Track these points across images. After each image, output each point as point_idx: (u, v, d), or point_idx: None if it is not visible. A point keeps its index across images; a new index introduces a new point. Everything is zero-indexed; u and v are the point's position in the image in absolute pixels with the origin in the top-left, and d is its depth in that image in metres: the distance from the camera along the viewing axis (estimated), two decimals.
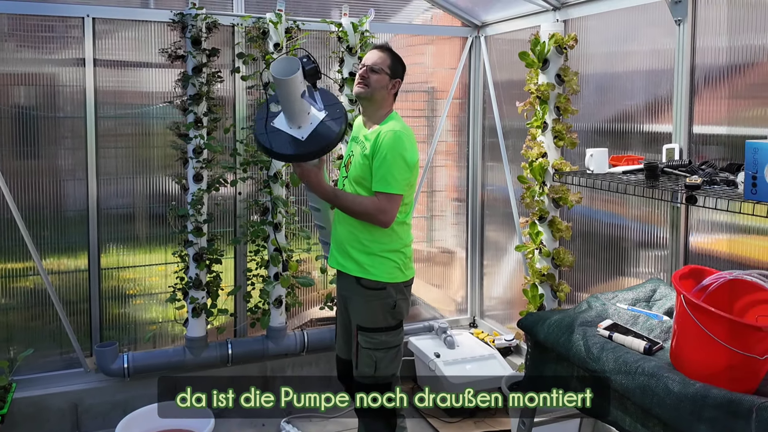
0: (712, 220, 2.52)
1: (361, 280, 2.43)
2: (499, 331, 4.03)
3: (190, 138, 3.32)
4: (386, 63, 2.44)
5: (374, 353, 2.43)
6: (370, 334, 2.43)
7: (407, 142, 2.37)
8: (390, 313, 2.44)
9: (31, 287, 3.27)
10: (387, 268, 2.43)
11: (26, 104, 3.20)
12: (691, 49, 2.57)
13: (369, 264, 2.42)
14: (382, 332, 2.44)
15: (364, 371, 2.45)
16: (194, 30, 3.27)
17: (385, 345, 2.44)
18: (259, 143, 2.31)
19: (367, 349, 2.44)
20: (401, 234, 2.47)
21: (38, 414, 3.20)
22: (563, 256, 3.15)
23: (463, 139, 4.23)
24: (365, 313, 2.44)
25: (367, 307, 2.44)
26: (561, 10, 3.28)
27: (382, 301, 2.42)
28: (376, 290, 2.42)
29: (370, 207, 2.33)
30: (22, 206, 3.19)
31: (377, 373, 2.44)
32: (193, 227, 3.34)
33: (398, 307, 2.45)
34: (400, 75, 2.50)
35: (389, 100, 2.48)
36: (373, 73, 2.42)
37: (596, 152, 2.65)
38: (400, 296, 2.47)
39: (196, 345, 3.43)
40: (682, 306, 1.63)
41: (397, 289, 2.46)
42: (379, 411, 2.49)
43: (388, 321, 2.44)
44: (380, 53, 2.46)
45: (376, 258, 2.42)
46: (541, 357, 2.04)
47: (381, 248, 2.42)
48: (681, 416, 1.51)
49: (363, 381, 2.47)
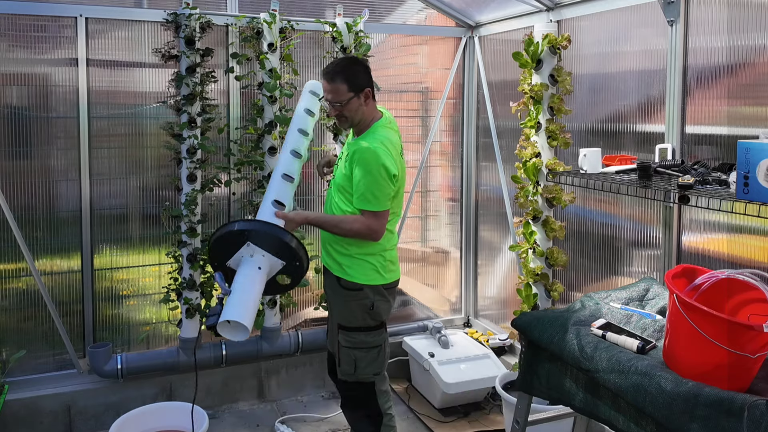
0: (705, 219, 2.54)
1: (340, 280, 2.49)
2: (493, 331, 4.04)
3: (184, 138, 3.31)
4: (343, 89, 2.37)
5: (353, 352, 2.48)
6: (350, 333, 2.48)
7: (383, 157, 2.34)
8: (368, 314, 2.47)
9: (23, 288, 3.26)
10: (364, 270, 2.47)
11: (18, 104, 3.19)
12: (683, 49, 2.58)
13: (347, 265, 2.47)
14: (361, 332, 2.48)
15: (345, 369, 2.51)
16: (188, 30, 3.26)
17: (365, 345, 2.48)
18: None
19: (346, 347, 2.49)
20: (384, 238, 2.48)
21: (31, 416, 3.18)
22: (557, 255, 3.16)
23: (457, 139, 4.23)
24: (344, 312, 2.50)
25: (346, 306, 2.49)
26: (554, 10, 3.29)
27: (359, 301, 2.46)
28: (353, 291, 2.47)
29: (360, 228, 2.37)
30: (14, 207, 3.17)
31: (358, 372, 2.49)
32: (187, 228, 3.33)
33: (376, 308, 2.47)
34: (365, 82, 2.42)
35: (368, 108, 2.46)
36: (340, 106, 2.39)
37: (589, 152, 2.66)
38: (378, 297, 2.48)
39: (190, 346, 3.42)
40: (674, 305, 1.64)
41: (375, 290, 2.48)
42: (365, 409, 2.54)
43: (366, 321, 2.48)
44: (332, 84, 2.39)
45: (353, 260, 2.46)
46: (534, 356, 2.04)
47: (358, 251, 2.46)
48: (673, 415, 1.52)
49: (347, 379, 2.52)
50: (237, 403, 3.61)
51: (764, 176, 1.82)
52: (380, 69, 3.95)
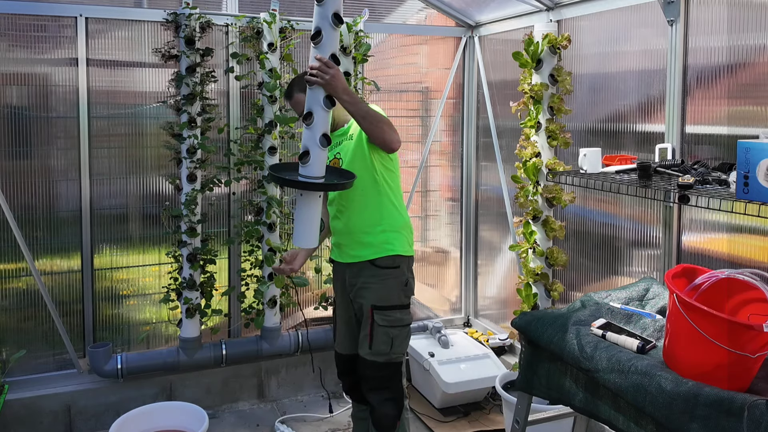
0: (705, 219, 2.54)
1: (375, 261, 2.53)
2: (493, 331, 4.04)
3: (184, 138, 3.31)
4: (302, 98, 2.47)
5: (391, 330, 2.52)
6: (387, 312, 2.52)
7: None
8: (403, 291, 2.55)
9: (23, 288, 3.26)
10: (401, 242, 2.55)
11: (18, 104, 3.19)
12: (683, 49, 2.58)
13: (384, 241, 2.53)
14: (397, 310, 2.54)
15: (381, 348, 2.52)
16: (188, 30, 3.26)
17: (400, 323, 2.54)
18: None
19: (383, 326, 2.51)
20: (403, 212, 2.61)
21: (31, 416, 3.18)
22: (557, 255, 3.16)
23: (457, 138, 4.23)
24: (381, 292, 2.53)
25: (383, 285, 2.53)
26: (554, 10, 3.29)
27: (396, 279, 2.53)
28: (390, 268, 2.53)
29: (387, 123, 2.41)
30: (14, 207, 3.17)
31: (392, 350, 2.53)
32: (187, 227, 3.33)
33: (409, 284, 2.58)
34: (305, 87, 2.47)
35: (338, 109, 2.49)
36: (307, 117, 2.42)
37: (589, 152, 2.66)
38: (410, 274, 2.60)
39: (190, 346, 3.42)
40: (674, 305, 1.64)
41: (408, 266, 2.59)
42: (390, 390, 2.56)
43: (401, 299, 2.55)
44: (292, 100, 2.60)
45: (387, 234, 2.54)
46: (534, 356, 2.04)
47: (392, 224, 2.55)
48: (673, 414, 1.51)
49: (377, 359, 2.53)
50: (237, 402, 3.61)
51: (764, 176, 1.82)
52: (380, 69, 3.95)
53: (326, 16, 2.39)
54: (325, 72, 2.30)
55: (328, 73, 2.30)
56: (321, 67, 2.32)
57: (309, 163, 2.39)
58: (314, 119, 2.38)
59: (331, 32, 2.40)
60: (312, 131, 2.38)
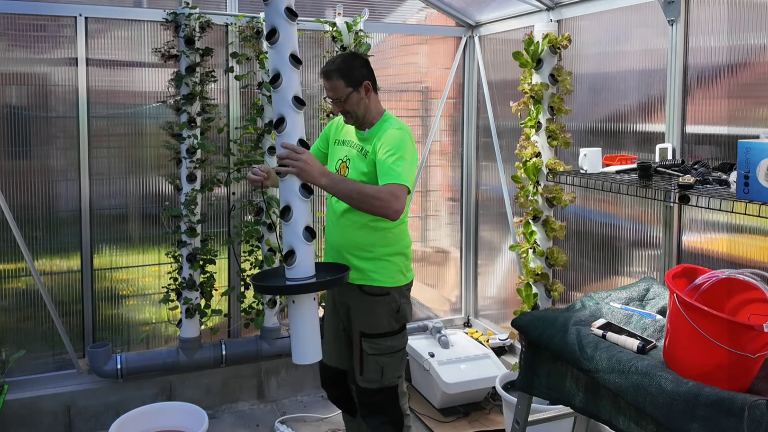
0: (705, 219, 2.53)
1: (363, 288, 2.38)
2: (493, 331, 4.04)
3: (184, 138, 3.31)
4: (341, 85, 2.32)
5: (380, 359, 2.39)
6: (375, 340, 2.38)
7: (411, 141, 2.32)
8: (394, 318, 2.41)
9: (23, 288, 3.25)
10: (390, 272, 2.39)
11: (18, 104, 3.18)
12: (684, 49, 2.58)
13: (372, 270, 2.37)
14: (387, 337, 2.39)
15: (371, 377, 2.40)
16: (187, 29, 3.25)
17: (391, 350, 2.41)
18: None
19: (373, 355, 2.39)
20: (402, 235, 2.44)
21: (31, 416, 3.18)
22: (557, 255, 3.15)
23: (458, 138, 4.23)
24: (369, 320, 2.39)
25: (372, 313, 2.39)
26: (554, 10, 3.28)
27: (386, 306, 2.39)
28: (380, 296, 2.37)
29: (384, 191, 2.14)
30: (13, 206, 3.17)
31: (384, 378, 2.41)
32: (187, 227, 3.33)
33: (402, 311, 2.42)
34: (365, 75, 2.36)
35: (372, 101, 2.40)
36: (343, 102, 2.34)
37: (590, 152, 2.65)
38: (404, 300, 2.44)
39: (190, 346, 3.42)
40: (675, 305, 1.63)
41: (400, 293, 2.42)
42: (387, 415, 2.45)
43: (392, 325, 2.40)
44: (331, 81, 2.34)
45: (378, 263, 2.37)
46: (534, 356, 2.04)
47: (384, 252, 2.38)
48: (673, 415, 1.51)
49: (370, 386, 2.42)
50: (237, 403, 3.60)
51: (764, 176, 1.82)
52: (380, 68, 3.93)
53: (279, 12, 2.12)
54: (295, 159, 2.08)
55: (299, 159, 2.07)
56: (290, 154, 2.08)
57: (296, 264, 2.11)
58: (293, 213, 2.10)
59: (287, 28, 2.14)
60: (292, 226, 2.10)
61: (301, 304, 2.14)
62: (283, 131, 2.13)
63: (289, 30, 2.14)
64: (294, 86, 2.13)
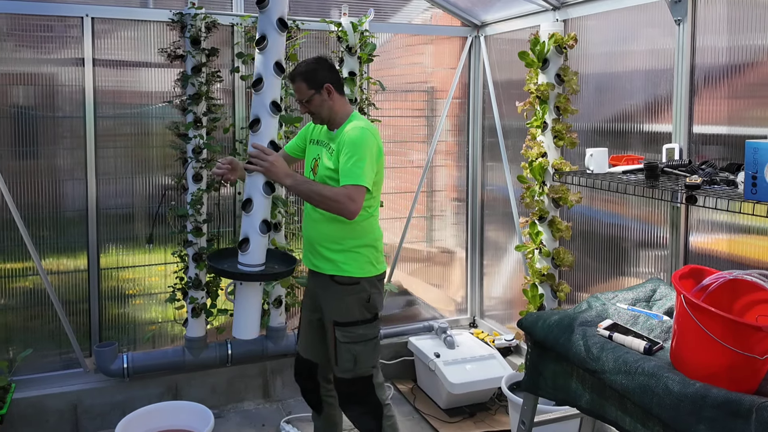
0: (712, 219, 2.52)
1: (334, 277, 2.49)
2: (499, 331, 4.03)
3: (190, 138, 3.32)
4: (305, 87, 2.47)
5: (353, 347, 2.49)
6: (348, 329, 2.49)
7: (372, 138, 2.43)
8: (365, 307, 2.51)
9: (30, 287, 3.27)
10: (359, 263, 2.49)
11: (25, 104, 3.20)
12: (690, 48, 2.57)
13: (342, 261, 2.48)
14: (359, 325, 2.50)
15: (345, 366, 2.50)
16: (193, 30, 3.26)
17: (363, 338, 2.51)
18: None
19: (345, 343, 2.49)
20: (370, 228, 2.54)
21: (37, 415, 3.19)
22: (563, 256, 3.15)
23: (463, 138, 4.22)
24: (341, 309, 2.50)
25: (342, 302, 2.49)
26: (560, 9, 3.28)
27: (356, 295, 2.49)
28: (349, 285, 2.48)
29: (340, 193, 2.33)
30: (21, 206, 3.19)
31: (357, 367, 2.50)
32: (193, 227, 3.34)
33: (372, 300, 2.52)
34: (327, 78, 2.49)
35: (337, 103, 2.51)
36: (307, 104, 2.49)
37: (596, 152, 2.65)
38: (374, 290, 2.53)
39: (196, 345, 3.43)
40: (682, 306, 1.63)
41: (371, 283, 2.52)
42: (365, 405, 2.55)
43: (363, 314, 2.51)
44: (295, 84, 2.50)
45: (348, 254, 2.48)
46: (540, 357, 2.03)
47: (353, 244, 2.48)
48: (680, 416, 1.51)
49: (344, 376, 2.52)
50: (242, 402, 3.61)
51: None
52: (385, 68, 3.95)
53: (271, 22, 2.37)
54: (263, 159, 2.35)
55: (266, 160, 2.35)
56: (258, 154, 2.37)
57: (249, 251, 2.40)
58: (254, 206, 2.41)
59: (276, 38, 2.39)
60: (251, 218, 2.41)
61: (247, 286, 2.45)
62: (257, 132, 2.40)
63: (277, 39, 2.40)
64: (274, 92, 2.41)
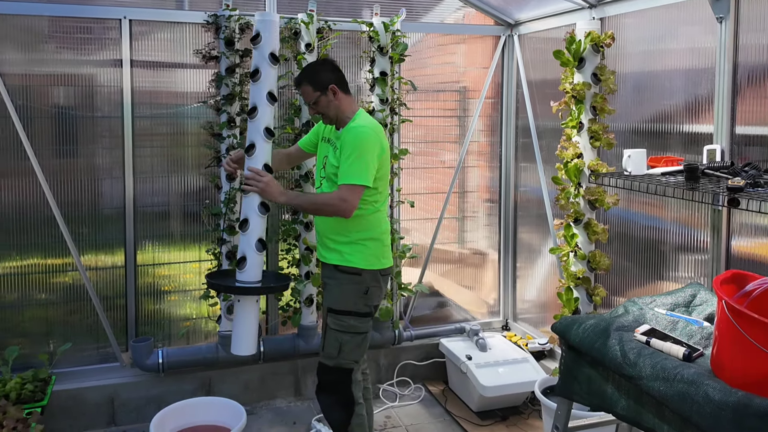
0: (756, 223, 2.44)
1: (338, 267, 2.57)
2: (532, 335, 3.98)
3: (224, 137, 3.36)
4: (310, 90, 2.56)
5: (341, 335, 2.55)
6: (340, 317, 2.55)
7: (373, 135, 2.49)
8: (362, 299, 2.56)
9: (69, 283, 3.35)
10: (364, 255, 2.56)
11: (65, 104, 3.28)
12: (733, 46, 2.49)
13: (348, 252, 2.55)
14: (352, 316, 2.55)
15: (329, 352, 2.57)
16: (228, 31, 3.30)
17: (353, 329, 2.56)
18: None
19: (334, 330, 2.56)
20: (376, 222, 2.60)
21: (76, 407, 3.27)
22: (599, 259, 3.09)
23: (496, 139, 4.18)
24: (338, 296, 2.57)
25: (341, 290, 2.56)
26: (597, 7, 3.22)
27: (355, 285, 2.55)
28: (351, 275, 2.55)
29: (332, 197, 2.46)
30: (61, 204, 3.27)
31: (341, 356, 2.55)
32: (226, 225, 3.38)
33: (370, 293, 2.57)
34: (331, 79, 2.57)
35: (343, 102, 2.58)
36: (314, 105, 2.58)
37: (634, 153, 2.60)
38: (374, 283, 2.58)
39: (229, 342, 3.46)
40: (723, 312, 1.58)
41: (372, 276, 2.57)
42: (338, 396, 2.59)
43: (358, 306, 2.56)
44: (301, 87, 2.60)
45: (354, 246, 2.55)
46: (575, 361, 2.00)
47: (359, 236, 2.55)
48: (721, 425, 1.46)
49: (326, 362, 2.58)
50: (274, 399, 3.64)
51: None
52: (417, 68, 3.94)
53: (264, 57, 2.64)
54: (258, 181, 2.54)
55: (261, 182, 2.53)
56: (254, 176, 2.56)
57: (246, 269, 2.57)
58: (250, 226, 2.57)
59: (269, 70, 2.65)
60: (248, 237, 2.57)
61: (245, 303, 2.59)
62: (252, 155, 2.61)
63: (270, 72, 2.67)
64: (267, 119, 2.66)
